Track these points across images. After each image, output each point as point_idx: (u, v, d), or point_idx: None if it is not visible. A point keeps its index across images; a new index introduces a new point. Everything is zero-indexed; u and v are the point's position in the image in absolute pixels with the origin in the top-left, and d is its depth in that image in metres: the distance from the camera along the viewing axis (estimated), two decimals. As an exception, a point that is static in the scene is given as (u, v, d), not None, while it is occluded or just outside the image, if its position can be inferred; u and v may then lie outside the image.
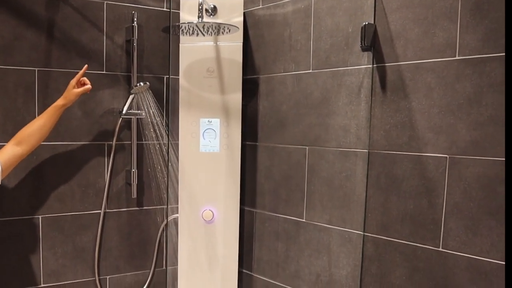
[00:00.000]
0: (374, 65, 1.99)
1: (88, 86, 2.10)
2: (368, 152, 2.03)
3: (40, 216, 2.31)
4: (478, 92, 1.70)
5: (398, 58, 1.91)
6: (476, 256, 1.75)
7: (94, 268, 2.48)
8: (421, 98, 1.85)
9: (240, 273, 2.61)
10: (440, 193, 1.82)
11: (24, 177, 2.26)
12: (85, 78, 2.11)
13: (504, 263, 1.67)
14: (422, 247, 1.89)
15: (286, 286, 2.44)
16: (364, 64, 2.02)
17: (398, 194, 1.95)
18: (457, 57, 1.75)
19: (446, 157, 1.79)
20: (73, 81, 2.08)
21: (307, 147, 2.27)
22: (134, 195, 2.51)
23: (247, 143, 2.54)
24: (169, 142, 2.51)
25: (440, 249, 1.84)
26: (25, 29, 2.21)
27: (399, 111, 1.92)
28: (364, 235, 2.08)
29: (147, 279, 2.65)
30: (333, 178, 2.18)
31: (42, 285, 2.35)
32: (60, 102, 2.06)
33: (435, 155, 1.82)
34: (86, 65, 2.13)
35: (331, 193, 2.19)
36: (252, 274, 2.62)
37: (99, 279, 2.50)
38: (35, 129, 1.99)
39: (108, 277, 2.53)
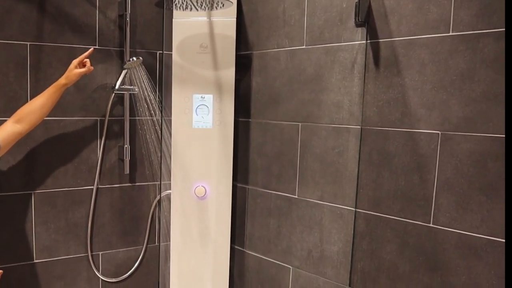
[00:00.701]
0: (368, 41, 1.98)
1: (90, 67, 2.10)
2: (361, 128, 2.03)
3: (32, 192, 2.31)
4: (471, 68, 1.70)
5: (392, 34, 1.91)
6: (466, 231, 1.76)
7: (86, 244, 2.48)
8: (414, 74, 1.85)
9: (232, 249, 2.63)
10: (432, 169, 1.83)
11: (16, 152, 2.25)
12: (87, 60, 2.11)
13: (494, 238, 1.69)
14: (413, 223, 1.91)
15: (278, 262, 2.46)
16: (358, 40, 2.02)
17: (390, 170, 1.96)
18: (450, 33, 1.74)
19: (438, 133, 1.80)
20: (75, 61, 2.07)
21: (299, 124, 2.27)
22: (127, 171, 2.50)
23: (240, 119, 2.54)
24: (162, 118, 2.50)
25: (431, 224, 1.85)
26: (16, 2, 2.19)
27: (392, 87, 1.92)
28: (355, 211, 2.09)
29: (140, 255, 2.66)
30: (326, 154, 2.18)
31: (35, 261, 2.36)
32: (61, 81, 2.05)
33: (427, 131, 1.83)
34: (92, 48, 2.13)
35: (323, 169, 2.20)
36: (244, 250, 2.64)
37: (92, 255, 2.51)
38: (36, 107, 1.99)
39: (100, 253, 2.54)
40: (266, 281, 2.53)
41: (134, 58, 2.33)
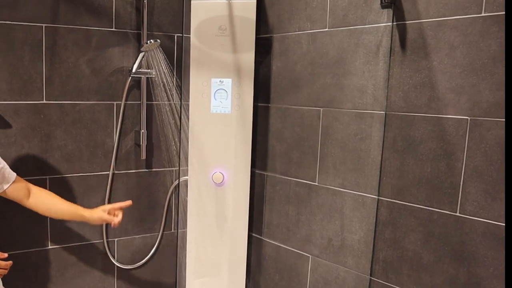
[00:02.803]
0: (394, 23, 1.91)
1: (116, 220, 2.02)
2: (385, 113, 1.97)
3: (47, 177, 2.27)
4: (503, 50, 1.63)
5: (419, 15, 1.84)
6: (495, 221, 1.70)
7: (102, 231, 2.45)
8: (442, 57, 1.78)
9: (249, 236, 2.58)
10: (460, 156, 1.77)
11: (31, 137, 2.21)
12: (119, 211, 2.04)
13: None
14: (438, 211, 1.85)
15: (297, 251, 2.41)
16: (384, 22, 1.95)
17: (415, 157, 1.90)
18: (482, 14, 1.67)
19: (467, 119, 1.73)
20: (108, 206, 2.03)
21: (321, 109, 2.21)
22: (143, 156, 2.46)
23: (259, 104, 2.48)
24: (181, 103, 2.45)
25: (458, 213, 1.79)
26: (32, -17, 2.15)
27: (419, 71, 1.85)
28: (378, 199, 2.04)
29: (156, 242, 2.62)
30: (348, 141, 2.12)
31: (50, 247, 2.33)
32: (84, 212, 1.99)
33: (456, 116, 1.76)
34: (130, 202, 2.07)
35: (345, 156, 2.14)
36: (262, 238, 2.59)
37: (107, 242, 2.47)
38: (50, 205, 1.95)
39: (116, 239, 2.51)
40: (284, 270, 2.48)
41: (152, 41, 2.28)
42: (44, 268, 2.31)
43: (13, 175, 1.88)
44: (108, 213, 2.02)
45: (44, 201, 1.94)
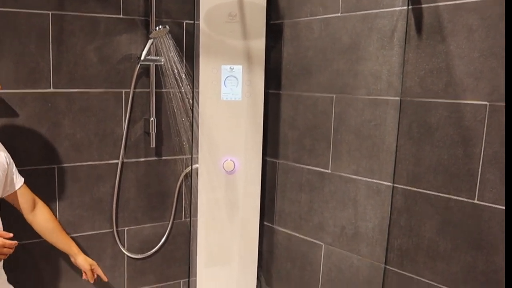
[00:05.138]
0: (410, 7, 1.86)
1: (90, 279, 2.17)
2: (400, 99, 1.93)
3: (56, 166, 2.24)
4: (524, 34, 1.58)
5: (436, -2, 1.79)
6: (515, 208, 1.66)
7: (112, 220, 2.43)
8: (460, 41, 1.74)
9: (261, 225, 2.55)
10: (478, 142, 1.73)
11: (38, 125, 2.18)
12: (99, 272, 2.19)
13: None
14: (455, 199, 1.81)
15: (309, 239, 2.39)
16: (399, 5, 1.90)
17: (431, 144, 1.86)
18: (503, -5, 1.63)
19: (486, 104, 1.69)
20: (96, 269, 2.18)
21: (334, 95, 2.17)
22: (153, 144, 2.43)
23: (270, 91, 2.44)
24: (193, 90, 2.41)
25: (475, 201, 1.76)
26: (37, -31, 2.10)
27: (436, 56, 1.81)
28: (393, 186, 2.00)
29: (166, 231, 2.60)
30: (362, 128, 2.09)
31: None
32: (77, 254, 2.14)
33: (474, 102, 1.72)
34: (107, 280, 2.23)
35: (359, 143, 2.11)
36: (274, 226, 2.57)
37: (117, 231, 2.45)
38: (51, 229, 2.06)
39: (126, 228, 2.48)
40: (297, 258, 2.46)
41: (160, 27, 2.24)
42: (53, 257, 2.29)
43: (22, 179, 1.90)
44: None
45: (47, 219, 2.05)
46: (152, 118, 2.39)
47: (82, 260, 2.13)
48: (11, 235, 1.66)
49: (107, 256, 2.45)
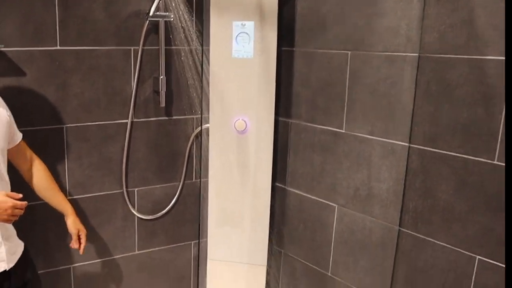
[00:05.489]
0: (430, -43, 1.78)
1: (75, 247, 2.07)
2: (419, 56, 1.86)
3: (64, 126, 2.20)
4: (553, -16, 1.50)
5: None
6: (537, 169, 1.60)
7: (121, 180, 2.39)
8: (484, -8, 1.65)
9: (273, 186, 2.51)
10: (500, 100, 1.66)
11: (46, 85, 2.13)
12: (82, 245, 2.07)
13: None
14: (474, 159, 1.75)
15: (322, 200, 2.35)
16: (419, -44, 1.81)
17: (450, 102, 1.79)
18: None
19: (510, 60, 1.61)
20: (82, 236, 2.07)
21: (349, 52, 2.10)
22: (163, 103, 2.37)
23: (283, 48, 2.37)
24: (203, 46, 2.34)
25: (495, 161, 1.70)
26: None
27: (458, 9, 1.72)
28: (409, 146, 1.95)
29: (176, 192, 2.57)
30: (378, 86, 2.02)
31: (68, 197, 2.27)
32: (67, 216, 2.05)
33: (498, 58, 1.64)
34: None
35: (374, 102, 2.04)
36: (286, 187, 2.53)
37: (127, 192, 2.42)
38: (46, 186, 2.01)
39: (136, 189, 2.45)
40: (309, 220, 2.43)
41: (169, -19, 2.17)
42: (63, 219, 2.27)
43: (21, 135, 1.87)
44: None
45: (43, 177, 1.98)
46: (161, 76, 2.33)
47: (70, 222, 2.04)
48: (20, 195, 1.64)
49: (117, 217, 2.43)
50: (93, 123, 2.27)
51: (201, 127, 2.48)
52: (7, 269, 1.73)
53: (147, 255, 2.56)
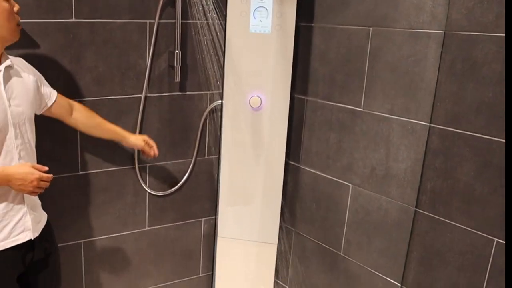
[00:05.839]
0: None
1: (151, 154, 2.16)
2: (444, 33, 1.81)
3: (76, 100, 2.16)
4: None
5: None
6: None
7: (133, 156, 2.36)
8: (515, -32, 1.60)
9: (286, 164, 2.48)
10: (527, 80, 1.62)
11: (59, 57, 2.09)
12: (154, 147, 2.16)
13: None
14: (497, 140, 1.72)
15: (336, 179, 2.32)
16: None
17: (475, 81, 1.75)
18: None
19: (540, 38, 1.57)
20: (149, 141, 2.15)
21: (370, 28, 2.05)
22: (177, 78, 2.33)
23: (302, 23, 2.32)
24: (220, 21, 2.29)
25: (520, 143, 1.66)
26: None
27: (487, -15, 1.68)
28: (430, 126, 1.91)
29: (188, 168, 2.54)
30: (399, 63, 1.98)
31: (80, 172, 2.25)
32: (128, 137, 2.11)
33: (526, 36, 1.60)
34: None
35: (395, 80, 2.00)
36: (299, 165, 2.50)
37: (139, 167, 2.39)
38: (95, 122, 2.04)
39: (148, 165, 2.42)
40: (323, 199, 2.40)
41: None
42: (74, 194, 2.25)
43: (55, 92, 1.88)
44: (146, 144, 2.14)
45: (87, 116, 2.01)
46: (177, 51, 2.28)
47: (134, 140, 2.12)
48: (46, 168, 1.65)
49: (128, 193, 2.40)
50: (106, 97, 2.23)
51: (216, 103, 2.44)
52: (32, 239, 1.74)
53: (157, 231, 2.54)
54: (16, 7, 1.63)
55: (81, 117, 1.99)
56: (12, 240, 1.68)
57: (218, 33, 2.35)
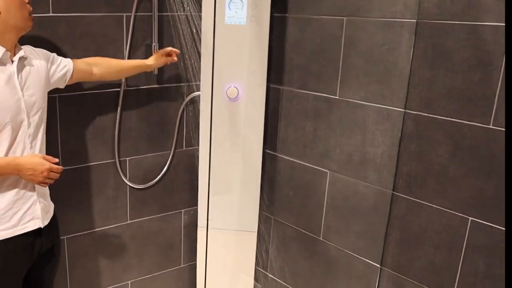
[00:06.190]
0: None
1: (175, 58, 2.23)
2: (417, 22, 1.87)
3: (56, 95, 2.16)
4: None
5: None
6: (532, 132, 1.65)
7: (114, 150, 2.37)
8: (483, -43, 1.67)
9: (263, 153, 2.52)
10: (497, 66, 1.69)
11: (36, 51, 2.08)
12: (175, 50, 2.23)
13: None
14: (469, 124, 1.80)
15: (314, 166, 2.37)
16: None
17: (446, 68, 1.82)
18: None
19: (508, 26, 1.64)
20: (167, 49, 2.20)
21: (344, 18, 2.10)
22: (155, 71, 2.35)
23: (275, 15, 2.35)
24: (196, 13, 2.31)
25: (491, 126, 1.74)
26: None
27: (456, -25, 1.74)
28: (404, 112, 1.98)
29: (167, 160, 2.56)
30: (373, 52, 2.03)
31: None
32: (148, 62, 2.20)
33: (495, 24, 1.67)
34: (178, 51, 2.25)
35: (369, 68, 2.06)
36: (276, 154, 2.54)
37: (119, 161, 2.41)
38: (114, 68, 2.12)
39: (128, 158, 2.44)
40: (300, 186, 2.45)
41: None
42: (56, 189, 2.25)
43: (70, 62, 1.95)
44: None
45: (107, 67, 2.10)
46: (154, 44, 2.30)
47: (152, 60, 2.20)
48: (57, 160, 1.73)
49: (109, 187, 2.41)
50: (85, 92, 2.24)
51: (199, 94, 2.46)
52: (42, 227, 1.78)
53: (138, 224, 2.56)
54: None
55: (101, 70, 2.07)
56: (21, 227, 1.73)
57: (195, 25, 2.37)
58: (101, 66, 2.06)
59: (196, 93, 2.46)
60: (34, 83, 1.74)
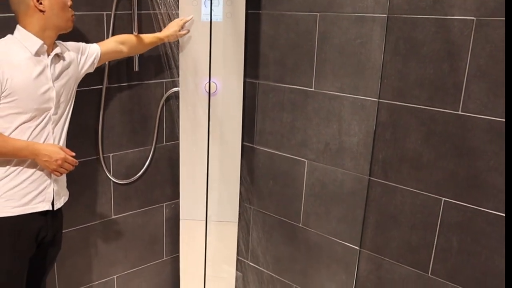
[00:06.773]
0: None
1: (184, 32, 2.32)
2: (387, 16, 1.97)
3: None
4: None
5: None
6: (498, 118, 1.77)
7: (97, 146, 2.41)
8: (449, -44, 1.78)
9: (242, 145, 2.59)
10: (464, 56, 1.80)
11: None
12: (183, 20, 2.30)
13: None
14: (440, 111, 1.91)
15: (292, 156, 2.46)
16: None
17: (417, 59, 1.93)
18: None
19: (473, 19, 1.76)
20: (180, 22, 2.28)
21: (318, 14, 2.19)
22: (136, 68, 2.39)
23: (250, 11, 2.42)
24: (175, 11, 2.35)
25: (460, 112, 1.86)
26: None
27: (424, -28, 1.84)
28: (378, 101, 2.08)
29: (149, 156, 2.62)
30: (347, 46, 2.13)
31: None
32: (162, 35, 2.29)
33: (461, 17, 1.78)
34: (192, 16, 2.30)
35: (343, 61, 2.15)
36: (254, 146, 2.62)
37: (103, 157, 2.45)
38: (137, 42, 2.23)
39: (111, 154, 2.48)
40: (279, 176, 2.54)
41: None
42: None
43: (96, 46, 2.08)
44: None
45: (132, 42, 2.21)
46: (134, 42, 2.35)
47: (172, 35, 2.29)
48: (73, 154, 1.84)
49: (94, 183, 2.45)
50: (66, 92, 2.27)
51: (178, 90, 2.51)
52: (54, 209, 1.89)
53: (123, 219, 2.60)
54: (69, 2, 1.84)
55: (127, 48, 2.19)
56: (32, 206, 1.82)
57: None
58: (127, 44, 2.18)
59: (176, 89, 2.52)
60: (65, 75, 1.87)
